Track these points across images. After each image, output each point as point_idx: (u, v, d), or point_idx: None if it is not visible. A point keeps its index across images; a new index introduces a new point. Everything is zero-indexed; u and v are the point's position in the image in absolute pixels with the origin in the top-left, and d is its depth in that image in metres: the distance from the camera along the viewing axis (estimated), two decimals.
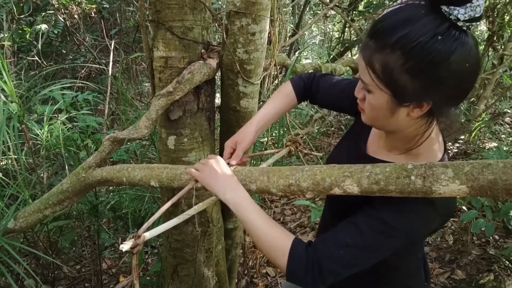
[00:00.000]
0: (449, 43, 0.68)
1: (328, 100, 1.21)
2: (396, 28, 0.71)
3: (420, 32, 0.69)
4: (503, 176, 0.64)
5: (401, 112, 0.78)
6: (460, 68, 0.70)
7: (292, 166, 1.01)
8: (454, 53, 0.69)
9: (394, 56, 0.72)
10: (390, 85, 0.75)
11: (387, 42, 0.72)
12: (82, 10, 4.32)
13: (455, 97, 0.76)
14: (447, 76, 0.70)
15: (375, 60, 0.75)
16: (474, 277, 2.42)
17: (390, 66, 0.73)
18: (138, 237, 0.83)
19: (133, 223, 2.30)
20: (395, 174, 0.75)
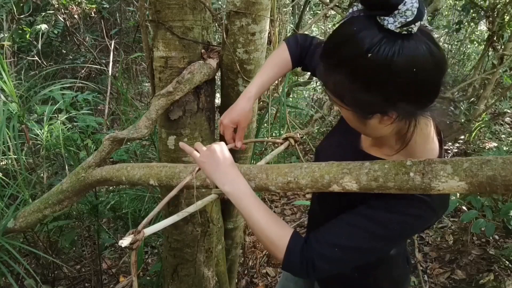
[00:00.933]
0: (385, 53, 0.67)
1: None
2: (337, 48, 0.72)
3: (357, 48, 0.68)
4: (502, 172, 0.64)
5: (372, 122, 0.76)
6: (406, 73, 0.68)
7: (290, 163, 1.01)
8: (394, 61, 0.67)
9: (342, 76, 0.72)
10: (347, 103, 0.75)
11: (333, 63, 0.73)
12: (82, 10, 4.32)
13: (418, 100, 0.73)
14: (395, 83, 0.69)
15: (328, 81, 0.75)
16: (474, 277, 2.42)
17: (341, 86, 0.73)
18: (137, 232, 0.83)
19: (133, 223, 2.29)
20: (394, 170, 0.75)
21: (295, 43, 1.14)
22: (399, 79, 0.68)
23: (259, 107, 2.01)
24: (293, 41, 1.15)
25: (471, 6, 4.26)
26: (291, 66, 1.15)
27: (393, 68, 0.67)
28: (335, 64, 0.72)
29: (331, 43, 0.74)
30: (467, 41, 5.96)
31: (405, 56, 0.67)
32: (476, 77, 4.21)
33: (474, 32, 6.00)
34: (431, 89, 0.72)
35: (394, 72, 0.67)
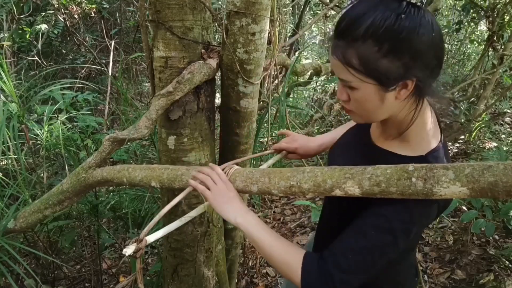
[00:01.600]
0: (413, 19, 0.73)
1: None
2: (360, 20, 0.75)
3: (384, 16, 0.73)
4: (503, 178, 0.64)
5: (389, 97, 0.80)
6: (429, 38, 0.75)
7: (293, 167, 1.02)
8: (420, 26, 0.73)
9: (368, 46, 0.75)
10: (372, 74, 0.77)
11: (357, 35, 0.75)
12: (82, 10, 4.31)
13: (433, 66, 0.78)
14: (420, 48, 0.75)
15: (350, 55, 0.77)
16: (474, 277, 2.42)
17: (367, 56, 0.76)
18: (140, 241, 0.83)
19: (133, 223, 2.30)
20: (396, 176, 0.75)
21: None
22: (422, 42, 0.74)
23: (259, 107, 2.01)
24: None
25: (471, 6, 4.26)
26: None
27: (420, 31, 0.73)
28: (361, 35, 0.75)
29: (352, 18, 0.76)
30: (467, 41, 5.96)
31: (426, 22, 0.74)
32: (476, 77, 4.21)
33: (474, 32, 6.00)
34: (441, 55, 0.79)
35: (420, 34, 0.73)
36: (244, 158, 1.17)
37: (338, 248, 0.84)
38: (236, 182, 0.99)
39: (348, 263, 0.82)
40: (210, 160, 1.52)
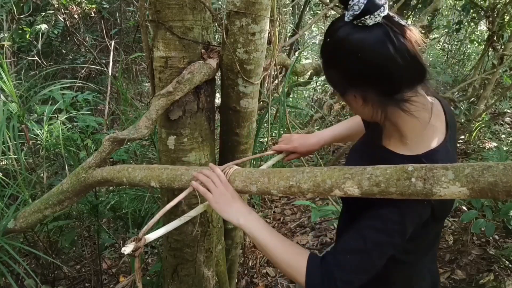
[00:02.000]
0: (338, 38, 0.82)
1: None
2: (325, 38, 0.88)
3: (325, 35, 0.86)
4: (503, 178, 0.64)
5: (353, 103, 0.89)
6: (352, 56, 0.80)
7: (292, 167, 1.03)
8: (343, 45, 0.82)
9: (323, 62, 0.90)
10: (333, 85, 0.91)
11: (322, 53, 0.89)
12: (82, 10, 4.31)
13: (375, 86, 0.83)
14: (347, 64, 0.83)
15: (324, 68, 0.91)
16: (474, 277, 2.42)
17: (324, 69, 0.90)
18: (139, 240, 0.83)
19: (133, 223, 2.30)
20: (396, 176, 0.75)
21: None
22: (348, 60, 0.82)
23: (259, 107, 2.01)
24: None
25: (471, 6, 4.26)
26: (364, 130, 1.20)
27: (343, 50, 0.82)
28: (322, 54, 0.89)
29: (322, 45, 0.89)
30: (467, 41, 5.96)
31: (354, 41, 0.80)
32: (476, 77, 4.21)
33: (474, 32, 6.00)
34: (386, 77, 0.81)
35: (344, 53, 0.82)
36: (244, 159, 1.17)
37: (339, 249, 0.87)
38: (235, 182, 0.99)
39: (348, 264, 0.83)
40: (210, 160, 1.52)
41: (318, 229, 3.20)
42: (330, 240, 3.00)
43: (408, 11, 4.77)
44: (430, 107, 0.91)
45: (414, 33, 0.81)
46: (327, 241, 2.99)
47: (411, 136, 0.88)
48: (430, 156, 0.86)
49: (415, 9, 4.56)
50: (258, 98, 1.57)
